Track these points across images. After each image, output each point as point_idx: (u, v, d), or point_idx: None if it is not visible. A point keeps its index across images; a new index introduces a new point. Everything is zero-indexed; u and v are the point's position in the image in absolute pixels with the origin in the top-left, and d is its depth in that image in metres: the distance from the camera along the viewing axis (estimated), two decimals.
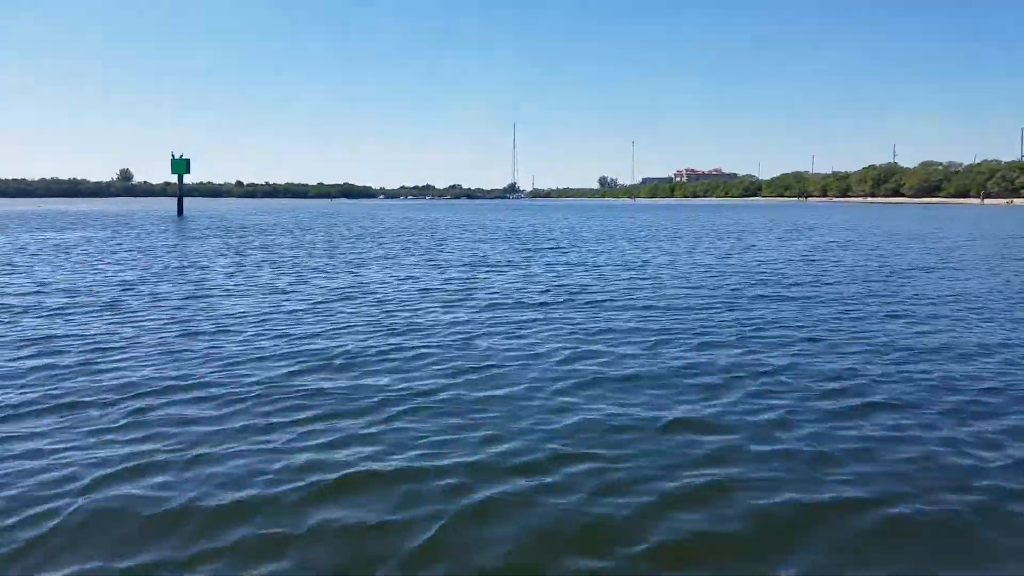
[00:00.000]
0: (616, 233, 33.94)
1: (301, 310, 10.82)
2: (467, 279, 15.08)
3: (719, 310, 10.94)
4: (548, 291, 13.10)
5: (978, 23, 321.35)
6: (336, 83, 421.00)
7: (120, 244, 24.50)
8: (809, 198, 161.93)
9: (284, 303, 11.53)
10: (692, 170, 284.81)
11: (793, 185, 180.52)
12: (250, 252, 21.82)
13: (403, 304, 11.49)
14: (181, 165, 46.90)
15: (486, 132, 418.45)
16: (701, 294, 12.79)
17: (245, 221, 46.05)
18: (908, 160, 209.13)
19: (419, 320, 10.00)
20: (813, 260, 19.64)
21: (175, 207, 53.32)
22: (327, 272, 16.38)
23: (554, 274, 16.18)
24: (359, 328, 9.35)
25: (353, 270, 16.90)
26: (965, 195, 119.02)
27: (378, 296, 12.46)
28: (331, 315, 10.37)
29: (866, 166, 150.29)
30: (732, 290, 13.31)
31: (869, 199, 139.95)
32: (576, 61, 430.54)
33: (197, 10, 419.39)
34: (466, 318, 10.14)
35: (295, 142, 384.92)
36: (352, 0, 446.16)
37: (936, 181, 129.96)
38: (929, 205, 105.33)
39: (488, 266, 18.03)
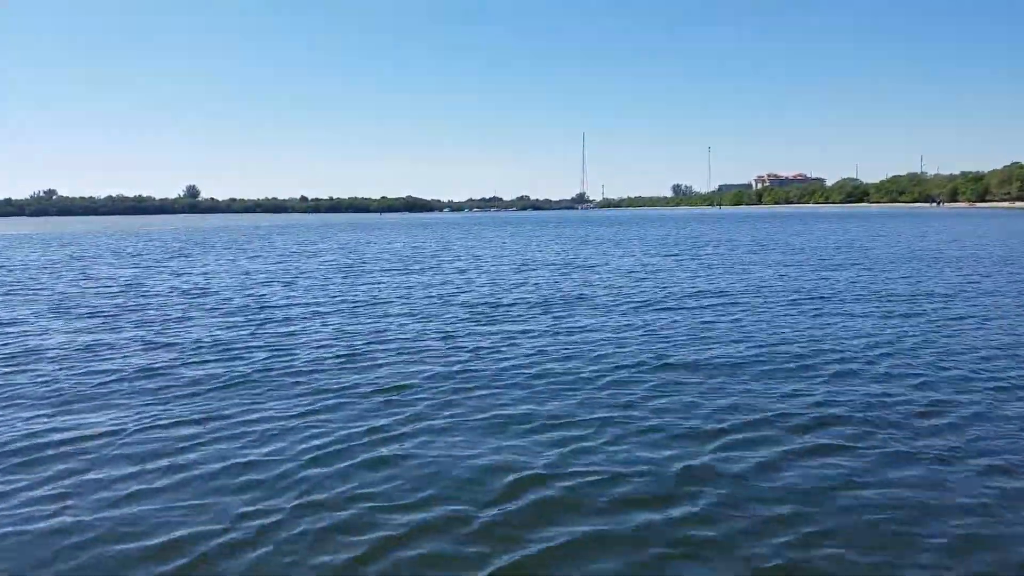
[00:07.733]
0: None
1: None
2: None
3: None
4: None
5: None
6: (404, 98, 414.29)
7: None
8: (942, 204, 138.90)
9: None
10: (775, 175, 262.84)
11: (909, 188, 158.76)
12: None
13: None
14: None
15: (555, 142, 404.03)
16: None
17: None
18: None
19: None
20: None
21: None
22: None
23: None
24: None
25: None
26: None
27: None
28: None
29: (1009, 164, 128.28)
30: None
31: (1017, 204, 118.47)
32: (645, 68, 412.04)
33: (265, 31, 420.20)
34: None
35: (364, 157, 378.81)
36: (423, 19, 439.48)
37: None
38: None
39: None
